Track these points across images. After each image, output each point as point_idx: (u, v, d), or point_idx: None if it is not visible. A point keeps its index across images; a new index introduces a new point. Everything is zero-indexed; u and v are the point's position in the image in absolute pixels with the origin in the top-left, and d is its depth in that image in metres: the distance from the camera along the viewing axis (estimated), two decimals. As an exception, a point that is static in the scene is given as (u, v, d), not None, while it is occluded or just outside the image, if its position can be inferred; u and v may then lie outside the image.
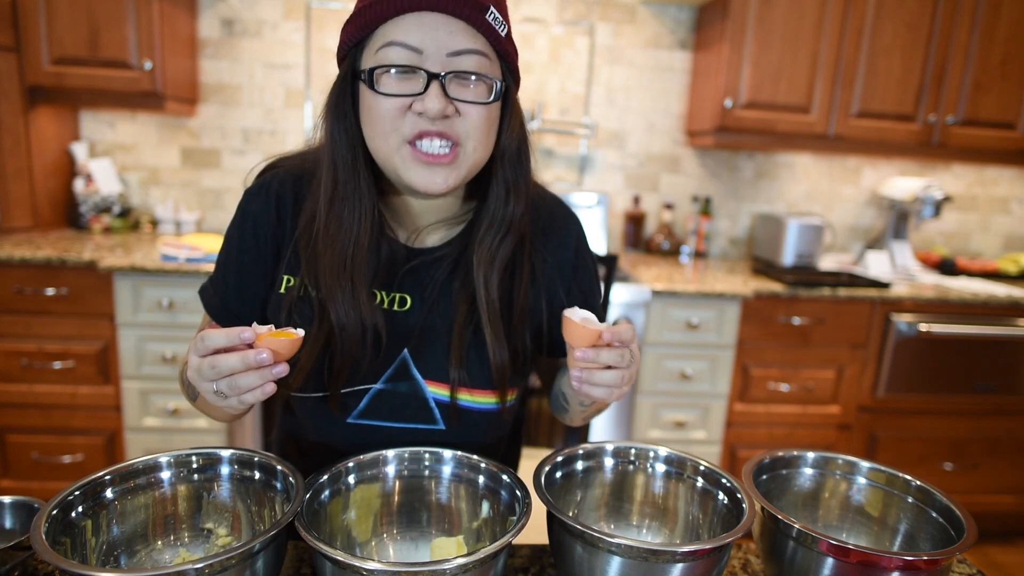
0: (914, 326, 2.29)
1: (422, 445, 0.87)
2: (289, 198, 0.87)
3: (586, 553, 0.64)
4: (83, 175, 2.51)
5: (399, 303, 0.87)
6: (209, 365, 0.65)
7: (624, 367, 0.72)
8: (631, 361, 0.73)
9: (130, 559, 0.70)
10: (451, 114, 0.74)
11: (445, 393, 0.86)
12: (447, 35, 0.72)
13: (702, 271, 2.51)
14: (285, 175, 0.89)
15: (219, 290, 0.90)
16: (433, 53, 0.72)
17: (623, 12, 2.69)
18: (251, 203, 0.88)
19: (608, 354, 0.71)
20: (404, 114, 0.74)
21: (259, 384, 0.65)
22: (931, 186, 2.58)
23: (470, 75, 0.74)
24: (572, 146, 2.79)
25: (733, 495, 0.74)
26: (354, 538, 0.76)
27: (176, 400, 2.14)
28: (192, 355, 0.67)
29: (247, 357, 0.64)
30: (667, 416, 2.31)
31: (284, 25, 2.59)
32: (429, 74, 0.72)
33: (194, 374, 0.67)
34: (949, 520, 0.73)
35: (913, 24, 2.40)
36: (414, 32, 0.72)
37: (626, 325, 0.72)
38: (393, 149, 0.76)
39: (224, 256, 0.90)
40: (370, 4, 0.74)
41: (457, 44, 0.72)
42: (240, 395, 0.65)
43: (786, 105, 2.42)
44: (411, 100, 0.73)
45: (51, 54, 2.19)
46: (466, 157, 0.77)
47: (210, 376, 0.65)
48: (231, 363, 0.64)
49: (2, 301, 2.05)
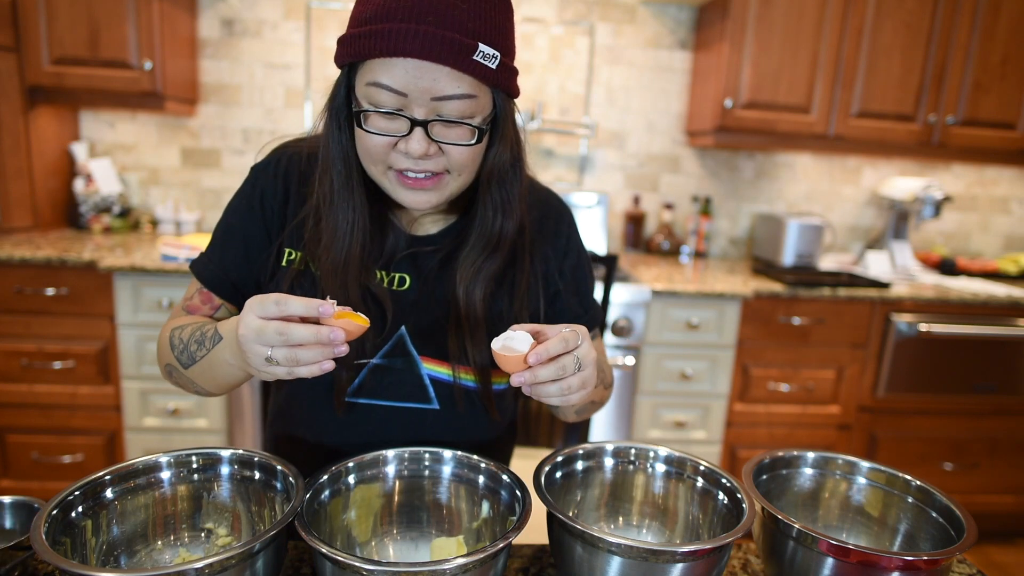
0: (914, 326, 2.29)
1: (415, 425, 0.90)
2: (296, 176, 0.90)
3: (586, 553, 0.64)
4: (83, 175, 2.51)
5: (398, 283, 0.89)
6: (277, 330, 0.63)
7: (570, 375, 0.70)
8: (579, 366, 0.70)
9: (130, 559, 0.70)
10: (434, 154, 0.76)
11: (440, 370, 0.89)
12: (431, 82, 0.71)
13: (702, 271, 2.51)
14: (294, 154, 0.92)
15: (218, 259, 0.90)
16: (417, 98, 0.73)
17: (623, 12, 2.69)
18: (259, 177, 0.90)
19: (546, 371, 0.69)
20: (390, 150, 0.77)
21: (319, 360, 0.65)
22: (931, 186, 2.58)
23: (453, 121, 0.75)
24: (572, 146, 2.79)
25: (733, 495, 0.74)
26: (354, 538, 0.76)
27: (176, 400, 2.14)
28: (251, 316, 0.65)
29: (320, 333, 0.64)
30: (667, 416, 2.31)
31: (284, 25, 2.59)
32: (413, 120, 0.74)
33: (250, 334, 0.65)
34: (949, 520, 0.73)
35: (913, 24, 2.40)
36: (399, 76, 0.71)
37: (563, 335, 0.70)
38: (380, 173, 0.80)
39: (226, 226, 0.91)
40: (359, 35, 0.72)
41: (441, 90, 0.72)
42: (295, 366, 0.65)
43: (786, 105, 2.42)
44: (396, 139, 0.76)
45: (51, 54, 2.19)
46: (450, 182, 0.80)
47: (275, 342, 0.64)
48: (303, 334, 0.63)
49: (2, 301, 2.05)
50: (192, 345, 0.81)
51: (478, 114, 0.76)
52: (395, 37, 0.69)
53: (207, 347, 0.79)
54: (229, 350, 0.74)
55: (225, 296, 0.90)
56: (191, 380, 0.85)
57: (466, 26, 0.71)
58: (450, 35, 0.70)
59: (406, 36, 0.69)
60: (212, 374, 0.81)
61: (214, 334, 0.78)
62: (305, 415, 0.94)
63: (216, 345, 0.77)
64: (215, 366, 0.79)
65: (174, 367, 0.85)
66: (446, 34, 0.69)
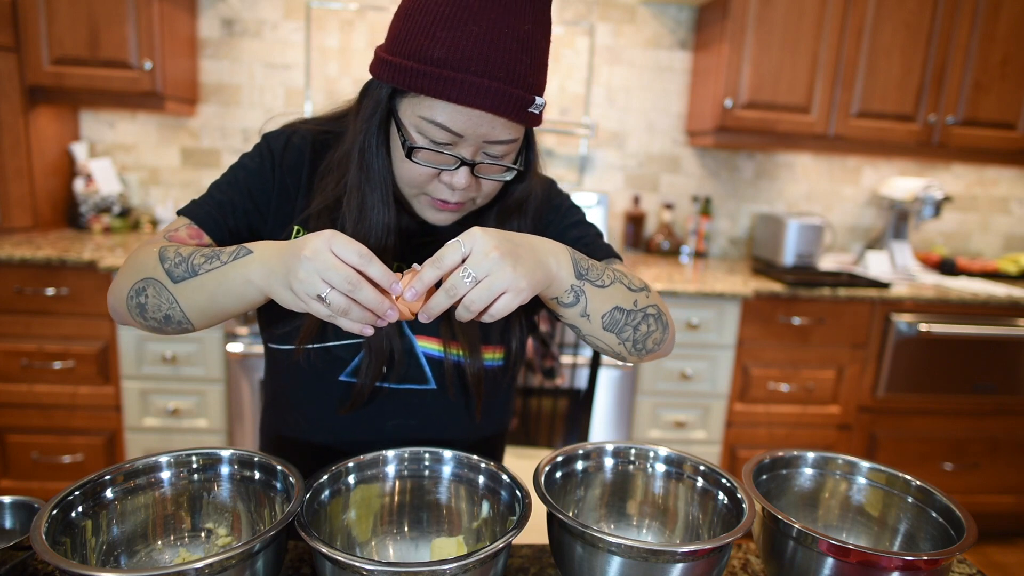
0: (914, 326, 2.29)
1: (414, 407, 0.91)
2: (307, 158, 0.91)
3: (586, 553, 0.64)
4: (83, 175, 2.51)
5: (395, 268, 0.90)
6: (347, 279, 0.63)
7: (465, 292, 0.65)
8: (472, 280, 0.65)
9: (130, 559, 0.70)
10: (472, 187, 0.81)
11: (434, 347, 0.90)
12: (488, 128, 0.75)
13: (702, 271, 2.51)
14: (306, 134, 0.93)
15: (216, 203, 0.86)
16: (471, 139, 0.76)
17: (623, 12, 2.69)
18: (273, 144, 0.91)
19: (436, 300, 0.66)
20: (431, 180, 0.80)
21: (365, 322, 0.66)
22: (931, 186, 2.58)
23: (495, 160, 0.79)
24: (572, 146, 2.78)
25: (733, 495, 0.74)
26: (354, 538, 0.76)
27: (176, 400, 2.14)
28: (326, 248, 0.63)
29: (383, 303, 0.65)
30: (667, 416, 2.31)
31: (284, 25, 2.59)
32: (462, 160, 0.77)
33: (318, 264, 0.63)
34: (949, 520, 0.73)
35: (913, 24, 2.40)
36: (460, 121, 0.74)
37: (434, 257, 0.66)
38: (413, 196, 0.85)
39: (232, 179, 0.89)
40: (426, 74, 0.72)
41: (495, 135, 0.76)
42: (341, 316, 0.65)
43: (786, 105, 2.42)
44: (440, 170, 0.79)
45: (51, 54, 2.19)
46: (472, 206, 0.86)
47: (341, 286, 0.63)
48: (371, 299, 0.64)
49: (2, 301, 2.05)
50: (197, 259, 0.74)
51: (514, 152, 0.81)
52: (468, 88, 0.72)
53: (222, 260, 0.72)
54: (262, 267, 0.69)
55: (218, 239, 0.86)
56: (172, 298, 0.75)
57: (527, 81, 0.74)
58: (514, 91, 0.73)
59: (478, 90, 0.72)
60: (211, 291, 0.73)
61: (236, 249, 0.73)
62: (302, 400, 0.94)
63: (239, 259, 0.71)
64: (224, 282, 0.72)
65: (155, 281, 0.76)
66: (511, 91, 0.73)
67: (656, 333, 0.84)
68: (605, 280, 0.78)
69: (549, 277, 0.72)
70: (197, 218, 0.85)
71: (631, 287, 0.81)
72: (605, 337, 0.80)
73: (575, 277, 0.74)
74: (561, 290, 0.74)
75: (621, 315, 0.79)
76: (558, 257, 0.73)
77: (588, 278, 0.76)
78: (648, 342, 0.84)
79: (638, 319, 0.81)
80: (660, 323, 0.84)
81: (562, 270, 0.73)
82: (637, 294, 0.81)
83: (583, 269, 0.75)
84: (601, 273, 0.77)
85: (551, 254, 0.73)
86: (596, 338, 0.81)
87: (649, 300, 0.83)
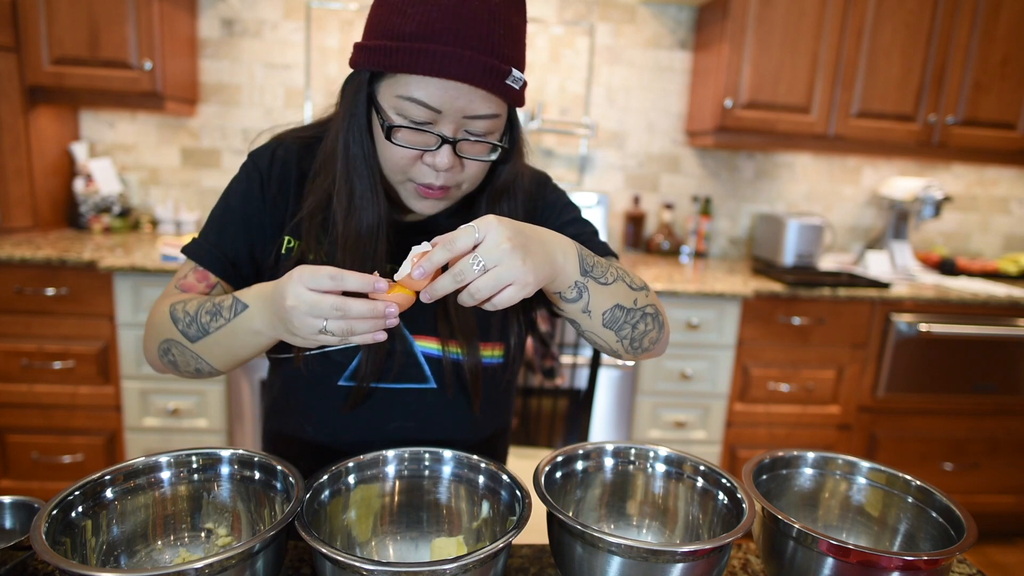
0: (914, 326, 2.29)
1: (415, 407, 0.91)
2: (294, 167, 0.91)
3: (586, 553, 0.64)
4: (83, 175, 2.51)
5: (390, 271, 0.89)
6: (333, 305, 0.64)
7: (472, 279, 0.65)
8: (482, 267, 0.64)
9: (130, 559, 0.70)
10: (456, 168, 0.80)
11: (432, 346, 0.91)
12: (466, 102, 0.75)
13: (702, 271, 2.51)
14: (291, 144, 0.93)
15: (215, 239, 0.89)
16: (450, 115, 0.76)
17: (623, 12, 2.69)
18: (259, 161, 0.91)
19: (443, 282, 0.66)
20: (415, 163, 0.80)
21: (373, 331, 0.66)
22: (931, 186, 2.58)
23: (479, 138, 0.78)
24: (572, 146, 2.79)
25: (733, 495, 0.74)
26: (354, 538, 0.76)
27: (176, 400, 2.14)
28: (301, 288, 0.65)
29: (376, 308, 0.65)
30: (667, 416, 2.31)
31: (284, 25, 2.59)
32: (443, 137, 0.76)
33: (302, 307, 0.65)
34: (949, 520, 0.73)
35: (913, 24, 2.40)
36: (436, 94, 0.74)
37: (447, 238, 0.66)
38: (399, 183, 0.83)
39: (224, 208, 0.90)
40: (398, 50, 0.73)
41: (474, 110, 0.76)
42: (349, 336, 0.66)
43: (786, 105, 2.42)
44: (422, 152, 0.79)
45: (51, 54, 2.19)
46: (458, 193, 0.85)
47: (331, 315, 0.65)
48: (360, 310, 0.65)
49: (2, 301, 2.05)
50: (203, 317, 0.78)
51: (498, 131, 0.80)
52: (440, 59, 0.71)
53: (225, 317, 0.76)
54: (261, 319, 0.73)
55: (223, 275, 0.89)
56: (196, 355, 0.81)
57: (502, 52, 0.74)
58: (490, 61, 0.73)
59: (451, 59, 0.71)
60: (228, 345, 0.78)
61: (233, 303, 0.76)
62: (303, 404, 0.94)
63: (239, 314, 0.75)
64: (236, 336, 0.77)
65: (176, 342, 0.81)
66: (486, 60, 0.73)
67: (653, 332, 0.85)
68: (608, 277, 0.78)
69: (556, 272, 0.72)
70: (200, 259, 0.89)
71: (632, 286, 0.82)
72: (604, 334, 0.81)
73: (580, 273, 0.75)
74: (565, 285, 0.74)
75: (621, 313, 0.80)
76: (566, 252, 0.74)
77: (592, 275, 0.76)
78: (645, 341, 0.85)
79: (637, 318, 0.82)
80: (657, 323, 0.85)
81: (568, 265, 0.74)
82: (637, 293, 0.82)
83: (588, 266, 0.76)
84: (605, 270, 0.78)
85: (560, 249, 0.73)
86: (595, 334, 0.82)
87: (648, 299, 0.84)
